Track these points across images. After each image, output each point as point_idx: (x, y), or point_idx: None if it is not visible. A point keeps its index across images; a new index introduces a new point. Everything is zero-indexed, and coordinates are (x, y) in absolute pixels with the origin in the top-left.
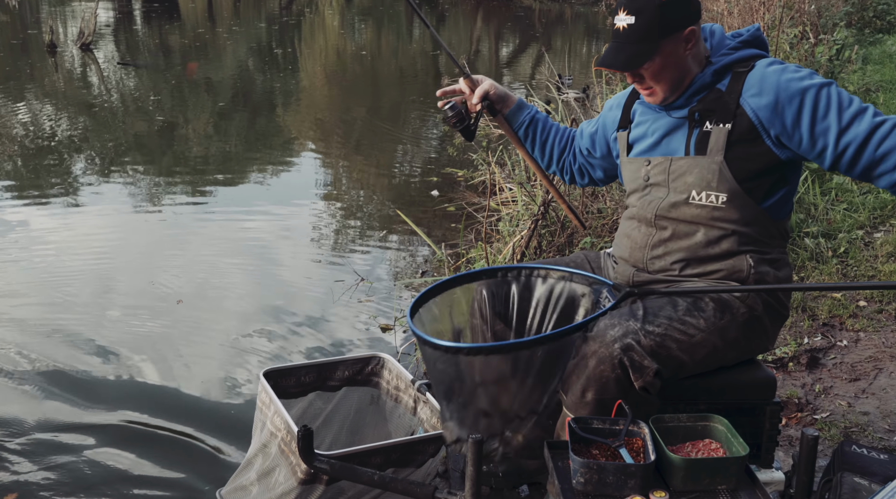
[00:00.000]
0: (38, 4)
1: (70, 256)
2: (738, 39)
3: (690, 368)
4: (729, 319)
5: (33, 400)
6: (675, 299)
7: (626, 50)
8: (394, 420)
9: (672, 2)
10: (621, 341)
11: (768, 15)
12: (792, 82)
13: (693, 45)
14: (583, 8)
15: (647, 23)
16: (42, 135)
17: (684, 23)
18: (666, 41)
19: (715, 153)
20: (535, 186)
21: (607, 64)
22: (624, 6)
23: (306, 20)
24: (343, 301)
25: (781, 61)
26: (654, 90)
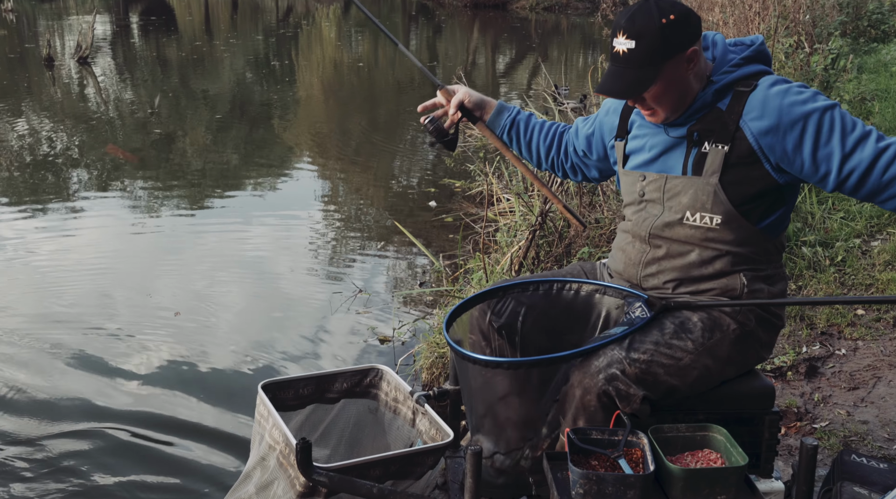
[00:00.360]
0: (36, 18)
1: (67, 268)
2: (741, 55)
3: (685, 391)
4: (719, 338)
5: (25, 413)
6: (664, 322)
7: (626, 76)
8: (392, 432)
9: (674, 23)
10: (605, 372)
11: (763, 25)
12: (794, 106)
13: (695, 65)
14: (579, 18)
15: (648, 47)
16: (39, 148)
17: (687, 43)
18: (668, 64)
19: (710, 175)
20: (532, 197)
21: (608, 91)
22: (623, 29)
23: (303, 32)
24: (341, 313)
25: (785, 79)
26: (656, 111)
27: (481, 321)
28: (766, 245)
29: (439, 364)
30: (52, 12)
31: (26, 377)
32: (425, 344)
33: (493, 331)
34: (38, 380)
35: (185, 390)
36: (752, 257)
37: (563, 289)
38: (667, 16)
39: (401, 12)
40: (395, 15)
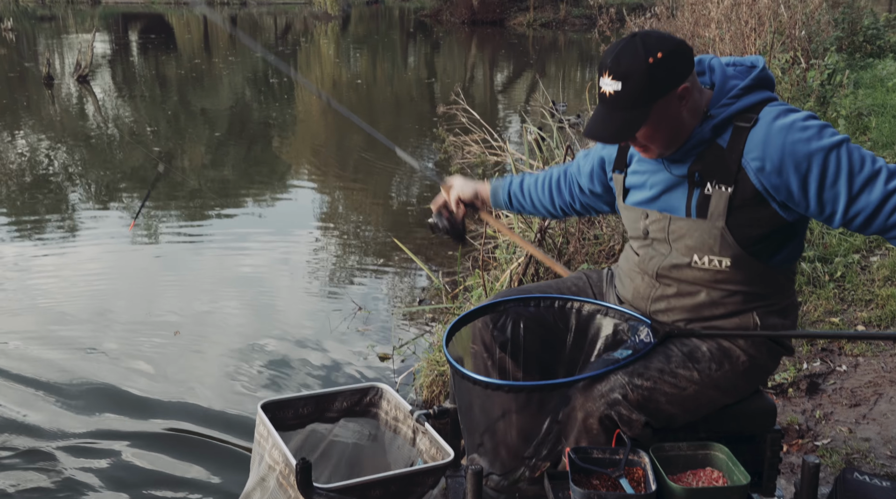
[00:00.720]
0: (36, 37)
1: (66, 287)
2: (741, 85)
3: (684, 419)
4: (728, 369)
5: (24, 429)
6: (671, 348)
7: (614, 118)
8: (393, 451)
9: (662, 61)
10: (608, 396)
11: (759, 41)
12: (798, 145)
13: (688, 100)
14: (576, 35)
15: (635, 89)
16: (39, 166)
17: (677, 80)
18: (658, 104)
19: (716, 218)
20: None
21: (595, 137)
22: (609, 70)
23: (302, 50)
24: (341, 331)
25: (790, 109)
26: (649, 148)
27: (484, 333)
28: (778, 278)
29: (439, 382)
30: (52, 31)
31: (25, 394)
32: (425, 362)
33: (495, 343)
34: (37, 397)
35: (184, 409)
36: (764, 294)
37: (564, 306)
38: (654, 54)
39: (399, 29)
40: (393, 32)
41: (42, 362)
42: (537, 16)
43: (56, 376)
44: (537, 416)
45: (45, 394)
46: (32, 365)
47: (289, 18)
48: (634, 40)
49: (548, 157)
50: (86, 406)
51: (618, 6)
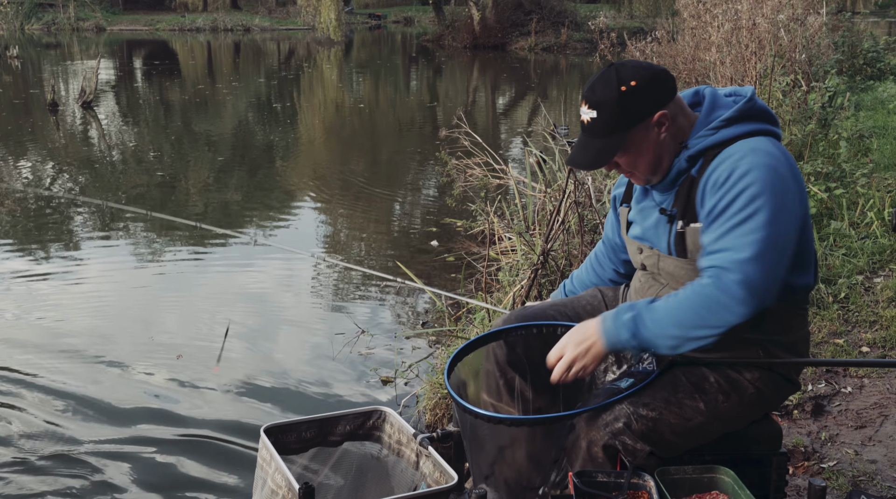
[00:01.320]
0: (41, 64)
1: (69, 311)
2: (724, 116)
3: (685, 447)
4: (736, 401)
5: (27, 449)
6: (679, 377)
7: (592, 146)
8: (396, 475)
9: (635, 89)
10: (612, 426)
11: (760, 64)
12: (724, 184)
13: (668, 127)
14: (577, 58)
15: (609, 116)
16: (43, 191)
17: (653, 108)
18: (633, 131)
19: (695, 255)
20: (533, 235)
21: (575, 163)
22: (585, 99)
23: (304, 75)
24: (344, 354)
25: (751, 152)
26: (634, 174)
27: (498, 351)
28: (780, 314)
29: (443, 405)
30: (57, 58)
31: (26, 420)
32: (428, 385)
33: (508, 363)
34: (39, 420)
35: (186, 433)
36: (767, 329)
37: (554, 332)
38: (627, 83)
39: (401, 54)
40: (396, 57)
41: (39, 380)
42: (539, 40)
43: (52, 397)
44: (541, 446)
45: (62, 407)
46: (31, 382)
47: (292, 44)
48: (610, 70)
49: (550, 179)
50: (82, 430)
51: (619, 31)
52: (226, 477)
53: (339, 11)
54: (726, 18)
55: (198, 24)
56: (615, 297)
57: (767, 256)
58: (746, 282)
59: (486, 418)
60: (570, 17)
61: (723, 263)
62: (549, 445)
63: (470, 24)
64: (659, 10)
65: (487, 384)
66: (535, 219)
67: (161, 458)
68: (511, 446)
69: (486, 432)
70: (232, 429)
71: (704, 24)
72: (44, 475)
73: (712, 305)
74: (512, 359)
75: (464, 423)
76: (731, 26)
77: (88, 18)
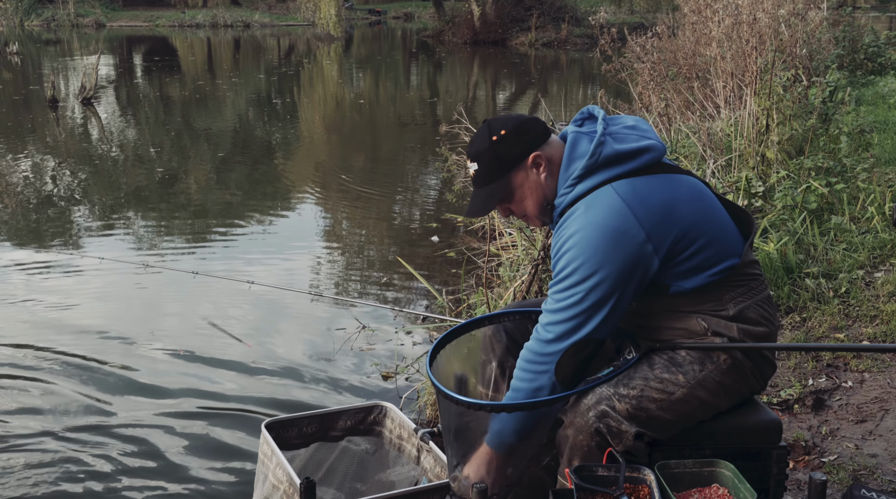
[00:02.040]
0: (41, 61)
1: (68, 309)
2: (575, 174)
3: (681, 425)
4: (711, 370)
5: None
6: (653, 357)
7: (479, 195)
8: (397, 470)
9: (505, 137)
10: (595, 409)
11: (761, 59)
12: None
13: (544, 168)
14: (577, 54)
15: (486, 165)
16: (43, 188)
17: (525, 152)
18: (512, 176)
19: None
20: (534, 231)
21: (469, 213)
22: (468, 154)
23: (305, 70)
24: (344, 349)
25: (592, 205)
26: (530, 219)
27: (495, 343)
28: (696, 296)
29: None
30: (57, 54)
31: (57, 393)
32: (428, 380)
33: (508, 354)
34: (50, 415)
35: (188, 429)
36: (697, 309)
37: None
38: (497, 132)
39: (401, 50)
40: (396, 53)
41: (41, 380)
42: (539, 36)
43: (55, 394)
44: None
45: (51, 410)
46: (34, 381)
47: (292, 40)
48: (484, 126)
49: None
50: (84, 426)
51: (619, 26)
52: (225, 472)
53: (339, 7)
54: (727, 13)
55: (197, 20)
56: None
57: (577, 308)
58: (553, 331)
59: (465, 404)
60: (570, 12)
61: (541, 315)
62: (536, 433)
63: (470, 20)
64: (659, 5)
65: (484, 375)
66: None
67: (155, 454)
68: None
69: (468, 420)
70: (232, 424)
71: (705, 20)
72: (70, 444)
73: (530, 358)
74: (509, 348)
75: (445, 410)
76: (732, 21)
77: (88, 14)
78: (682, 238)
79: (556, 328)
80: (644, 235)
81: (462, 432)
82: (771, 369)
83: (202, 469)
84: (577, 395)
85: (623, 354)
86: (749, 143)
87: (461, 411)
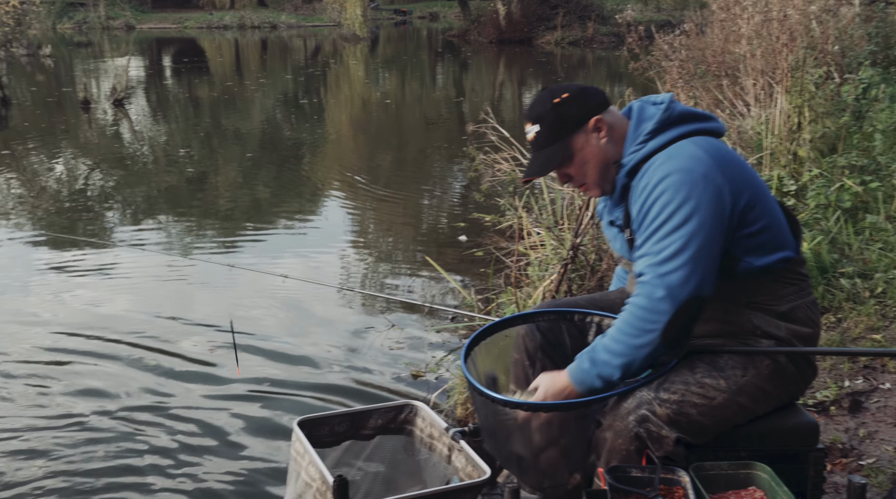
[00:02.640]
0: (73, 63)
1: (100, 305)
2: (648, 130)
3: (718, 429)
4: (753, 375)
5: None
6: (694, 361)
7: (539, 157)
8: (428, 469)
9: (567, 100)
10: (635, 413)
11: (791, 56)
12: (648, 188)
13: (605, 132)
14: (604, 52)
15: (548, 127)
16: (75, 188)
17: (587, 115)
18: (573, 138)
19: None
20: (563, 230)
21: (528, 173)
22: (527, 118)
23: (331, 71)
24: (374, 348)
25: (676, 154)
26: (587, 185)
27: (528, 341)
28: (766, 284)
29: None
30: (89, 57)
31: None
32: (459, 379)
33: (539, 351)
34: (80, 407)
35: (222, 426)
36: (755, 298)
37: (584, 320)
38: (559, 96)
39: (427, 50)
40: (422, 52)
41: (71, 373)
42: (565, 34)
43: (84, 388)
44: (559, 435)
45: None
46: (62, 373)
47: (318, 40)
48: (544, 90)
49: None
50: (115, 423)
51: (646, 24)
52: (256, 469)
53: (365, 7)
54: (756, 10)
55: (225, 21)
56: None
57: (690, 251)
58: (664, 284)
59: (501, 403)
60: (596, 10)
61: (643, 268)
62: (563, 436)
63: (496, 19)
64: (687, 2)
65: (516, 374)
66: (563, 213)
67: (186, 449)
68: (534, 435)
69: (496, 419)
70: (265, 422)
71: (734, 17)
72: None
73: (639, 314)
74: (543, 347)
75: (480, 407)
76: (762, 18)
77: (118, 17)
78: (751, 207)
79: (668, 279)
80: (727, 184)
81: (497, 430)
82: (813, 374)
83: (233, 466)
84: (616, 398)
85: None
86: (780, 141)
87: (496, 409)
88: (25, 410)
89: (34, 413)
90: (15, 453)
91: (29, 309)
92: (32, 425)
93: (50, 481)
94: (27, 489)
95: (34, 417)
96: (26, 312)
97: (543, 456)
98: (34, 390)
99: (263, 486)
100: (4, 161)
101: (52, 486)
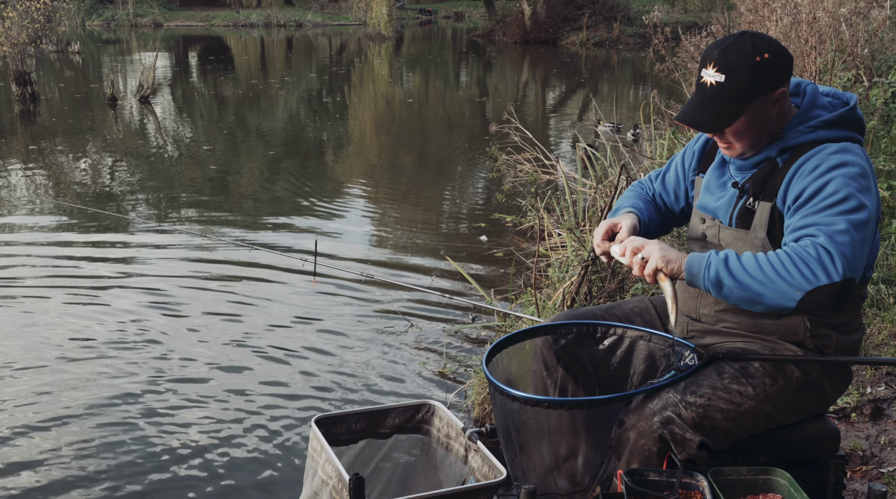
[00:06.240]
0: (100, 59)
1: (121, 302)
2: (824, 117)
3: (740, 435)
4: (782, 385)
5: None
6: (722, 366)
7: (711, 108)
8: (444, 469)
9: (768, 61)
10: (661, 415)
11: (820, 59)
12: (822, 167)
13: (781, 105)
14: (629, 53)
15: (737, 83)
16: (102, 183)
17: (776, 83)
18: (755, 102)
19: (758, 229)
20: (584, 232)
21: (690, 122)
22: (714, 62)
23: (355, 69)
24: (392, 348)
25: (844, 151)
26: (733, 145)
27: (546, 352)
28: None
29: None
30: (116, 53)
31: (78, 427)
32: (477, 379)
33: (558, 363)
34: (65, 437)
35: (239, 423)
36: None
37: (607, 333)
38: (761, 54)
39: (451, 49)
40: (446, 52)
41: (69, 390)
42: (590, 35)
43: (107, 388)
44: (580, 435)
45: (94, 412)
46: (73, 386)
47: (343, 39)
48: (744, 38)
49: (601, 175)
50: (135, 421)
51: (672, 25)
52: (274, 466)
53: (391, 7)
54: (785, 12)
55: (252, 19)
56: (645, 304)
57: (856, 235)
58: (837, 251)
59: (522, 400)
60: (622, 11)
61: (814, 233)
62: (587, 437)
63: (521, 19)
64: (714, 4)
65: (535, 384)
66: (585, 215)
67: (203, 445)
68: (549, 435)
69: (527, 419)
70: (281, 419)
71: (762, 19)
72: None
73: (800, 263)
74: (561, 359)
75: (500, 409)
76: (791, 20)
77: (146, 14)
78: (875, 223)
79: (843, 249)
80: (876, 202)
81: (517, 432)
82: (844, 388)
83: (249, 462)
84: (642, 397)
85: (684, 359)
86: None
87: (518, 408)
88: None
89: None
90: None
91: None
92: (52, 415)
93: (57, 471)
94: (43, 471)
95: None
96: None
97: (564, 461)
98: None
99: (280, 483)
100: (32, 156)
101: (58, 477)
